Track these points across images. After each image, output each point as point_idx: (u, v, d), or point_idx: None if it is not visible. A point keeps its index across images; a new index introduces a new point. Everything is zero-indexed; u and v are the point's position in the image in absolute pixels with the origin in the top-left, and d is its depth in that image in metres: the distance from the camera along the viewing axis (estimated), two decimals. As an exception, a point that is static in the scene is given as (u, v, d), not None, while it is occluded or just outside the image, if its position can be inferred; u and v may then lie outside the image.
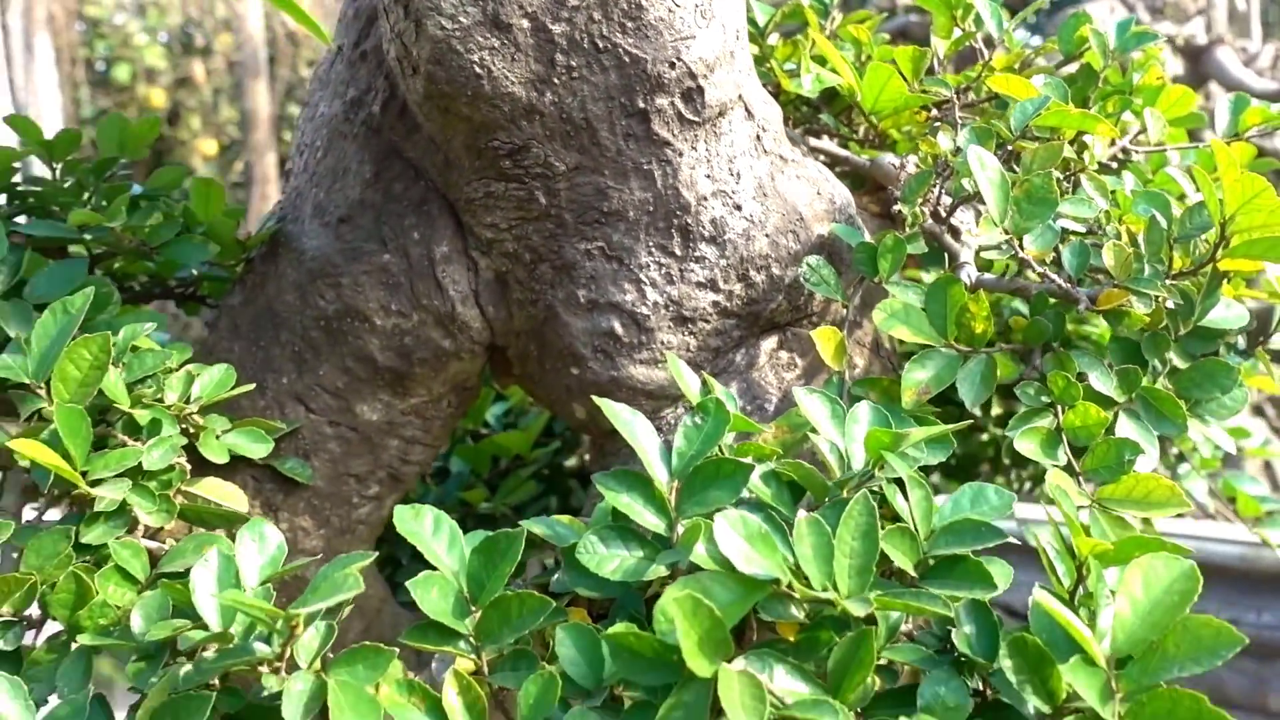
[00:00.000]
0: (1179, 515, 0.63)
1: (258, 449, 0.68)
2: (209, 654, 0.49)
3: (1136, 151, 0.83)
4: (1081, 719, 0.45)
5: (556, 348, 0.72)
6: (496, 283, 0.73)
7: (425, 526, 0.53)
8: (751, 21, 0.93)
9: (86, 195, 0.76)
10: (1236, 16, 5.13)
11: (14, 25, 7.06)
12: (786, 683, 0.47)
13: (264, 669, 0.49)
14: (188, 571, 0.54)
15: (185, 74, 9.01)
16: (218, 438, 0.67)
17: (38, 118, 7.25)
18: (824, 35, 0.90)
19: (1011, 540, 0.53)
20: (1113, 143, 0.81)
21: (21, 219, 0.76)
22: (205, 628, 0.50)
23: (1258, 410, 3.61)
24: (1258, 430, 3.60)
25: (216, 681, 0.49)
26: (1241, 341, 0.82)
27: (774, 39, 0.94)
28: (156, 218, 0.74)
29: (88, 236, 0.73)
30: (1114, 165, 0.82)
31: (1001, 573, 0.53)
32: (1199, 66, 3.39)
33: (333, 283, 0.74)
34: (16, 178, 0.78)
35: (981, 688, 0.52)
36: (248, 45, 8.17)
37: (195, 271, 0.82)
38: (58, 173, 0.79)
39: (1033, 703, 0.47)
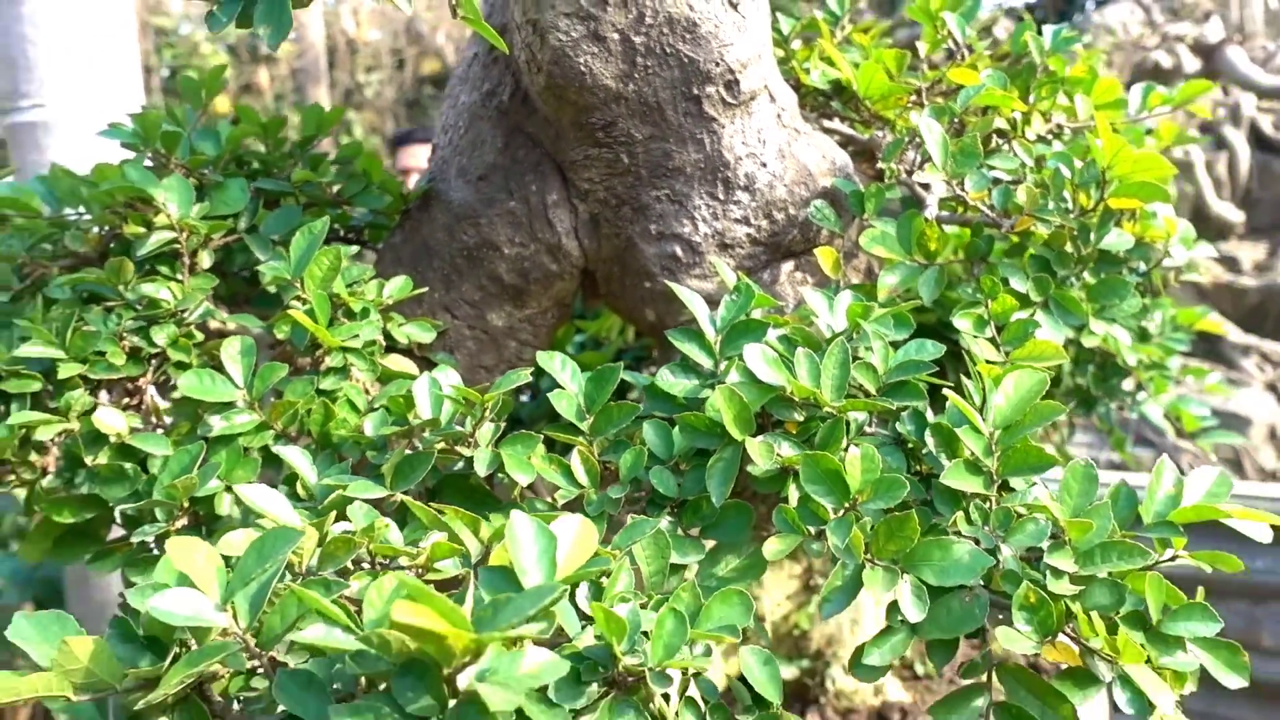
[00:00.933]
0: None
1: (426, 336, 0.97)
2: (426, 434, 0.78)
3: (1068, 127, 1.09)
4: (972, 465, 0.72)
5: (634, 268, 1.01)
6: (590, 222, 1.01)
7: (556, 364, 0.81)
8: (778, 30, 1.20)
9: (291, 161, 1.06)
10: (1275, 18, 5.33)
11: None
12: (788, 450, 0.75)
13: (460, 447, 0.78)
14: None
15: (247, 81, 9.36)
16: (400, 326, 0.96)
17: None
18: (834, 42, 1.17)
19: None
20: (1048, 119, 1.08)
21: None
22: (420, 418, 0.78)
23: (1270, 387, 3.82)
24: (1268, 406, 3.82)
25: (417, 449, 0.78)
26: (1142, 266, 1.08)
27: (797, 44, 1.21)
28: (346, 177, 1.03)
29: (298, 191, 1.02)
30: (1049, 137, 1.08)
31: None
32: (1210, 63, 3.62)
33: (473, 223, 1.02)
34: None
35: (919, 468, 0.79)
36: (309, 53, 8.53)
37: (363, 222, 1.11)
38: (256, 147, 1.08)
39: (945, 462, 0.74)
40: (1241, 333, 4.04)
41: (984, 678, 0.68)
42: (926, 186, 0.99)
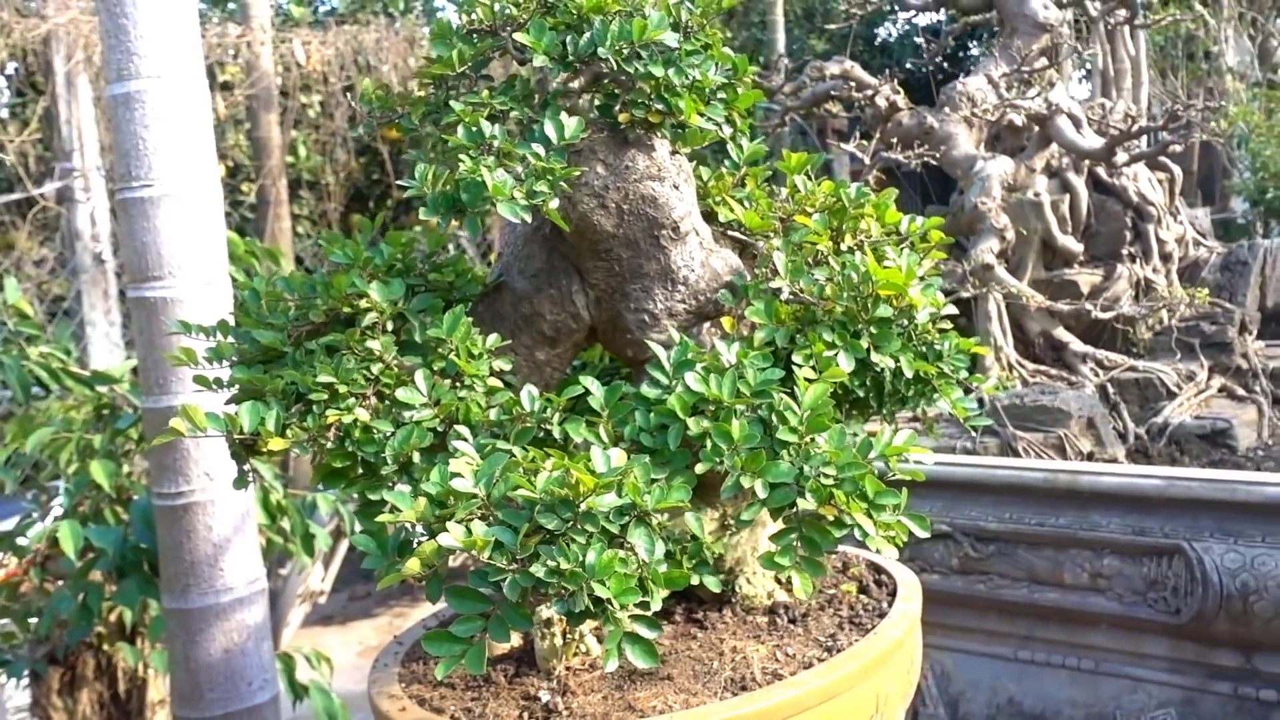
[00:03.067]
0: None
1: (507, 365, 1.73)
2: (527, 420, 1.56)
3: (866, 242, 1.90)
4: (792, 429, 1.51)
5: (620, 327, 1.79)
6: (596, 300, 1.80)
7: (590, 383, 1.59)
8: (699, 176, 2.00)
9: (422, 265, 1.82)
10: (1136, 63, 6.26)
11: (58, 67, 7.97)
12: (707, 422, 1.53)
13: (544, 424, 1.55)
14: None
15: (201, 105, 9.82)
16: (493, 360, 1.72)
17: (81, 149, 8.10)
18: (730, 187, 1.97)
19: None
20: (855, 237, 1.89)
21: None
22: (523, 409, 1.56)
23: (1100, 388, 4.69)
24: (1089, 402, 4.70)
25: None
26: (905, 323, 1.89)
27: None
28: (455, 274, 1.80)
29: (428, 283, 1.79)
30: (854, 248, 1.89)
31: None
32: (1045, 128, 4.51)
33: (529, 301, 1.80)
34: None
35: (769, 433, 1.57)
36: (262, 80, 9.13)
37: (456, 299, 1.88)
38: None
39: (780, 427, 1.53)
40: (1081, 344, 4.95)
41: (795, 524, 1.48)
42: (777, 283, 1.79)
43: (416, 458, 1.58)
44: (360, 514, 1.59)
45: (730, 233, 1.95)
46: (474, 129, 1.48)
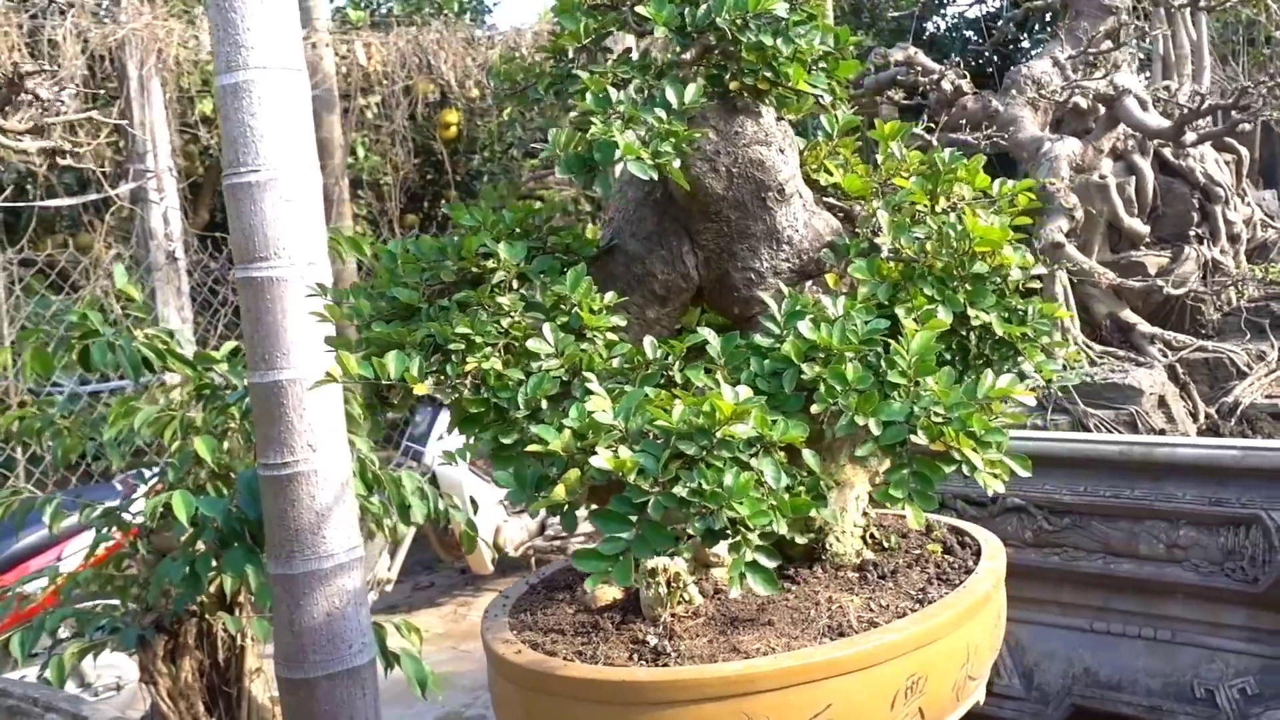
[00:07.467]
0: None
1: (621, 322, 1.84)
2: (650, 367, 1.66)
3: (960, 203, 1.98)
4: (901, 372, 1.61)
5: (728, 285, 1.89)
6: (705, 261, 1.90)
7: (708, 333, 1.70)
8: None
9: (540, 229, 1.93)
10: (1198, 47, 6.27)
11: (131, 72, 8.21)
12: (819, 367, 1.63)
13: (665, 371, 1.66)
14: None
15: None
16: (610, 317, 1.83)
17: (154, 150, 8.31)
18: (828, 150, 2.06)
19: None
20: (949, 200, 1.97)
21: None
22: (645, 358, 1.67)
23: (1169, 368, 4.70)
24: (1160, 380, 4.69)
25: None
26: (997, 280, 1.98)
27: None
28: (572, 237, 1.91)
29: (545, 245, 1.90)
30: (950, 210, 1.97)
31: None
32: (1112, 109, 4.55)
33: (640, 262, 1.90)
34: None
35: (876, 378, 1.67)
36: (324, 83, 9.32)
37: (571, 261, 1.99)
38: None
39: (889, 371, 1.63)
40: (1148, 325, 4.97)
41: (906, 460, 1.57)
42: (880, 241, 1.88)
43: (544, 404, 1.69)
44: (494, 457, 1.70)
45: (825, 198, 2.05)
46: (601, 95, 1.59)
